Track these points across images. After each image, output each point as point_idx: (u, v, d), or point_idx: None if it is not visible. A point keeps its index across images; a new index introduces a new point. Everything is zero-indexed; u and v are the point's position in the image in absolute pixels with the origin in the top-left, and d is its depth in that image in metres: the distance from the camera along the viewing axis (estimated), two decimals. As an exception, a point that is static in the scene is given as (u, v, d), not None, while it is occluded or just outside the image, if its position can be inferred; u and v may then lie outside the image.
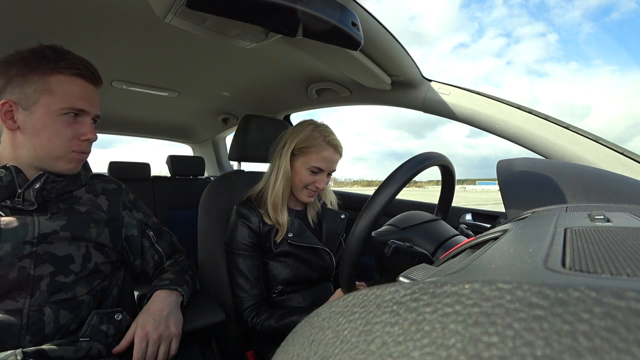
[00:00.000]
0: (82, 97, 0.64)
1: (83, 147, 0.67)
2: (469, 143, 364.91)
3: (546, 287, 0.11)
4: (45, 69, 0.60)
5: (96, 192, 0.74)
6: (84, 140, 0.66)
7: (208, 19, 0.61)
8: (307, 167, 0.87)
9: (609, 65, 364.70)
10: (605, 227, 0.24)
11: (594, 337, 0.09)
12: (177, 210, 1.83)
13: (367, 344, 0.12)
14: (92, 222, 0.68)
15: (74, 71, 0.63)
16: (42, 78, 0.60)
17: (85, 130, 0.66)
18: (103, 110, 0.72)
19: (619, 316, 0.09)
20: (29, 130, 0.61)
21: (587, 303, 0.10)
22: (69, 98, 0.62)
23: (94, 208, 0.70)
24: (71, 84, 0.62)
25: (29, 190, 0.61)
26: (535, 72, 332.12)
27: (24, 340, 0.56)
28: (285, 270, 0.89)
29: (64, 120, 0.63)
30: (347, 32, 0.62)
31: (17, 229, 0.58)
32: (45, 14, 0.76)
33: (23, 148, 0.62)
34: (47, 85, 0.60)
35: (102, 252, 0.69)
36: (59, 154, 0.64)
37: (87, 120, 0.66)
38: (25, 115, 0.61)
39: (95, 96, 0.68)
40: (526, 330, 0.10)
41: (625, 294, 0.10)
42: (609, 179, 0.48)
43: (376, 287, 0.14)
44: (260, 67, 1.12)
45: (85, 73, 0.64)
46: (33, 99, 0.60)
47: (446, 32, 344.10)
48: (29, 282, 0.58)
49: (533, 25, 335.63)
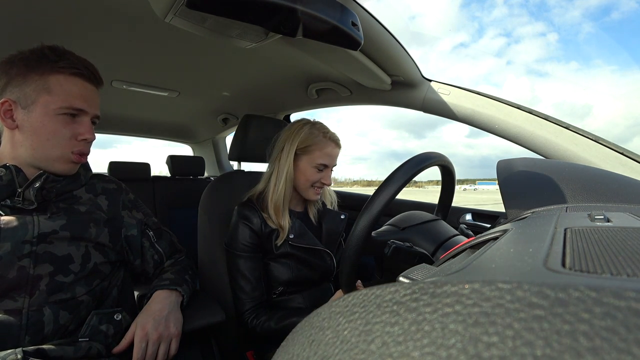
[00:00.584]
0: (80, 96, 0.63)
1: (81, 148, 0.66)
2: (469, 143, 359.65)
3: (546, 287, 0.11)
4: (45, 68, 0.60)
5: (96, 192, 0.74)
6: (82, 141, 0.66)
7: (208, 19, 0.61)
8: (312, 165, 0.88)
9: (609, 65, 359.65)
10: (605, 227, 0.24)
11: (594, 337, 0.09)
12: (177, 210, 1.83)
13: (367, 344, 0.12)
14: (91, 221, 0.68)
15: (73, 71, 0.62)
16: (42, 77, 0.60)
17: (83, 130, 0.65)
18: (103, 110, 0.72)
19: (619, 316, 0.09)
20: (28, 130, 0.61)
21: (587, 303, 0.10)
22: (67, 97, 0.62)
23: (93, 208, 0.70)
24: (70, 84, 0.62)
25: (29, 189, 0.61)
26: (536, 72, 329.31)
27: (24, 340, 0.56)
28: (286, 271, 0.88)
29: (62, 120, 0.62)
30: (347, 32, 0.62)
31: (16, 229, 0.59)
32: (46, 15, 0.76)
33: (22, 147, 0.62)
34: (46, 85, 0.60)
35: (101, 252, 0.69)
36: (57, 154, 0.64)
37: (85, 120, 0.66)
38: (24, 114, 0.61)
39: (94, 96, 0.67)
40: (526, 330, 0.10)
41: (625, 293, 0.10)
42: (609, 179, 0.48)
43: (376, 287, 0.14)
44: (260, 67, 1.12)
45: (84, 73, 0.64)
46: (32, 98, 0.60)
47: (446, 32, 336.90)
48: (28, 282, 0.58)
49: (533, 25, 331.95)
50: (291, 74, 1.15)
